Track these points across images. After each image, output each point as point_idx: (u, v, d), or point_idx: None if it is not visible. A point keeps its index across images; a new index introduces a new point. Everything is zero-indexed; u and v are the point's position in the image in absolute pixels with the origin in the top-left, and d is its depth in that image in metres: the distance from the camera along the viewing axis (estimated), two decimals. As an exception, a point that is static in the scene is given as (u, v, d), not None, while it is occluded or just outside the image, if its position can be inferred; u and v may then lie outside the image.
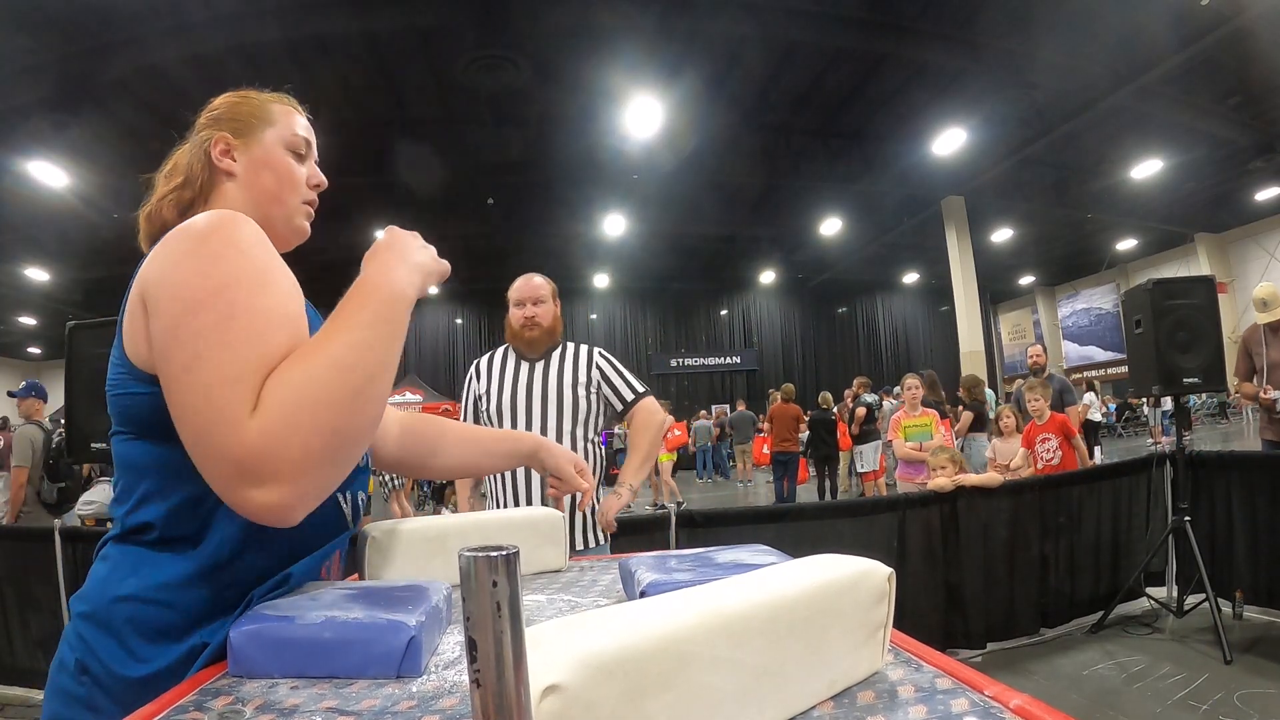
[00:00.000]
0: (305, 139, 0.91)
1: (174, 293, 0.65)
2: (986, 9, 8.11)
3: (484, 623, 0.28)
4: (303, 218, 0.90)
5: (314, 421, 0.59)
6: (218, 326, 0.62)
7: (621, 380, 2.17)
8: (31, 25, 6.97)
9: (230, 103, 0.91)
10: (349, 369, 0.62)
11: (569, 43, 8.38)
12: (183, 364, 0.62)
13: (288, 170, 0.88)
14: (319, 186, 0.92)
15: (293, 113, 0.92)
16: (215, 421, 0.59)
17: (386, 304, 0.68)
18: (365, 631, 0.57)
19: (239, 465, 0.58)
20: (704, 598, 0.46)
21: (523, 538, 0.98)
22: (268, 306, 0.65)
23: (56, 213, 10.53)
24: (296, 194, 0.89)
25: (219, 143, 0.86)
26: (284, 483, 0.58)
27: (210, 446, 0.60)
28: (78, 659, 0.67)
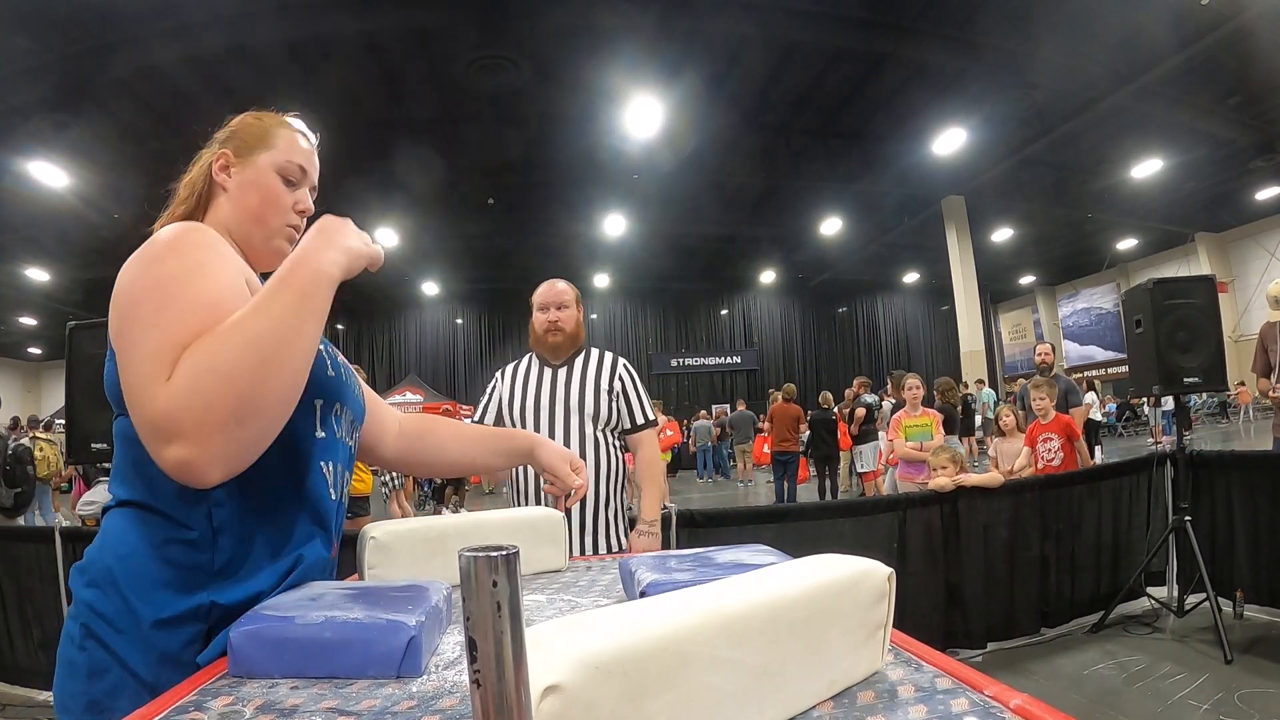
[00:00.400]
0: (300, 166, 0.95)
1: (122, 293, 0.73)
2: (986, 9, 8.11)
3: (484, 623, 0.28)
4: (283, 239, 0.94)
5: (217, 385, 0.64)
6: (149, 316, 0.69)
7: (638, 400, 2.20)
8: (31, 25, 6.97)
9: (243, 122, 0.97)
10: (257, 338, 0.67)
11: (569, 43, 8.38)
12: (123, 351, 0.70)
13: (273, 194, 0.93)
14: (304, 213, 0.96)
15: (296, 139, 0.96)
16: (137, 391, 0.67)
17: (306, 280, 0.72)
18: (365, 631, 0.57)
19: (153, 425, 0.65)
20: (704, 598, 0.46)
21: (523, 538, 0.98)
22: (194, 292, 0.71)
23: (56, 213, 10.53)
24: (278, 217, 0.93)
25: (220, 158, 0.93)
26: (190, 441, 0.63)
27: (134, 413, 0.67)
28: (81, 624, 0.71)
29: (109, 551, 0.74)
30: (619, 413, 2.17)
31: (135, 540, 0.74)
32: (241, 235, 0.92)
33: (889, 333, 23.28)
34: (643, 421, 2.20)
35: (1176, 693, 2.62)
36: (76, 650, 0.71)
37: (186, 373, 0.65)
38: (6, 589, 3.28)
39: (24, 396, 23.97)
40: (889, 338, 23.25)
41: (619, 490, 2.18)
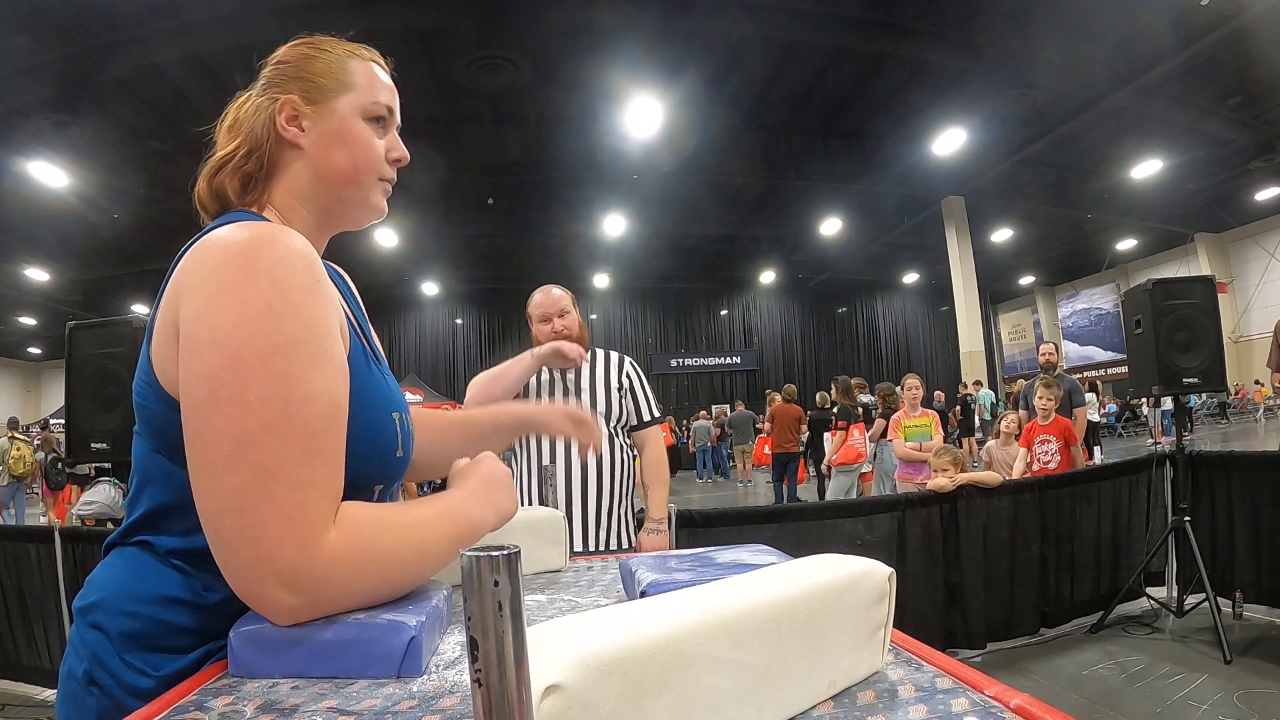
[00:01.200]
0: (388, 105, 0.80)
1: (213, 338, 0.59)
2: (986, 9, 8.12)
3: (485, 622, 0.28)
4: (380, 195, 0.80)
5: (372, 585, 0.61)
6: (270, 406, 0.58)
7: (644, 397, 2.25)
8: (31, 25, 6.97)
9: (303, 55, 0.79)
10: (418, 563, 0.64)
11: (569, 43, 8.38)
12: (230, 437, 0.58)
13: (366, 146, 0.77)
14: (399, 161, 0.81)
15: (375, 72, 0.80)
16: (268, 517, 0.57)
17: (467, 529, 0.69)
18: (365, 631, 0.57)
19: (286, 568, 0.57)
20: (704, 598, 0.46)
21: (523, 538, 0.98)
22: (320, 390, 0.61)
23: (56, 213, 10.54)
24: (374, 172, 0.78)
25: (285, 107, 0.75)
26: (314, 606, 0.58)
27: (253, 537, 0.57)
28: (86, 670, 0.65)
29: (115, 603, 0.66)
30: (628, 410, 2.21)
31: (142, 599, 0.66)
32: (328, 202, 0.77)
33: (889, 333, 23.29)
34: (649, 419, 2.25)
35: (1176, 693, 2.62)
36: (83, 691, 0.65)
37: (360, 552, 0.60)
38: (7, 588, 3.28)
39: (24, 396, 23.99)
40: (889, 338, 23.26)
41: (631, 488, 2.20)
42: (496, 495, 0.74)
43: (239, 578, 0.59)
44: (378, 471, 0.72)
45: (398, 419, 0.75)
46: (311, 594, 0.58)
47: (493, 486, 0.75)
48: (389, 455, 0.73)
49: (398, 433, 0.74)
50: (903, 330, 23.32)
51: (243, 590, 0.59)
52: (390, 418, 0.73)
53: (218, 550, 0.60)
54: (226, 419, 0.58)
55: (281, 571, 0.57)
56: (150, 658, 0.64)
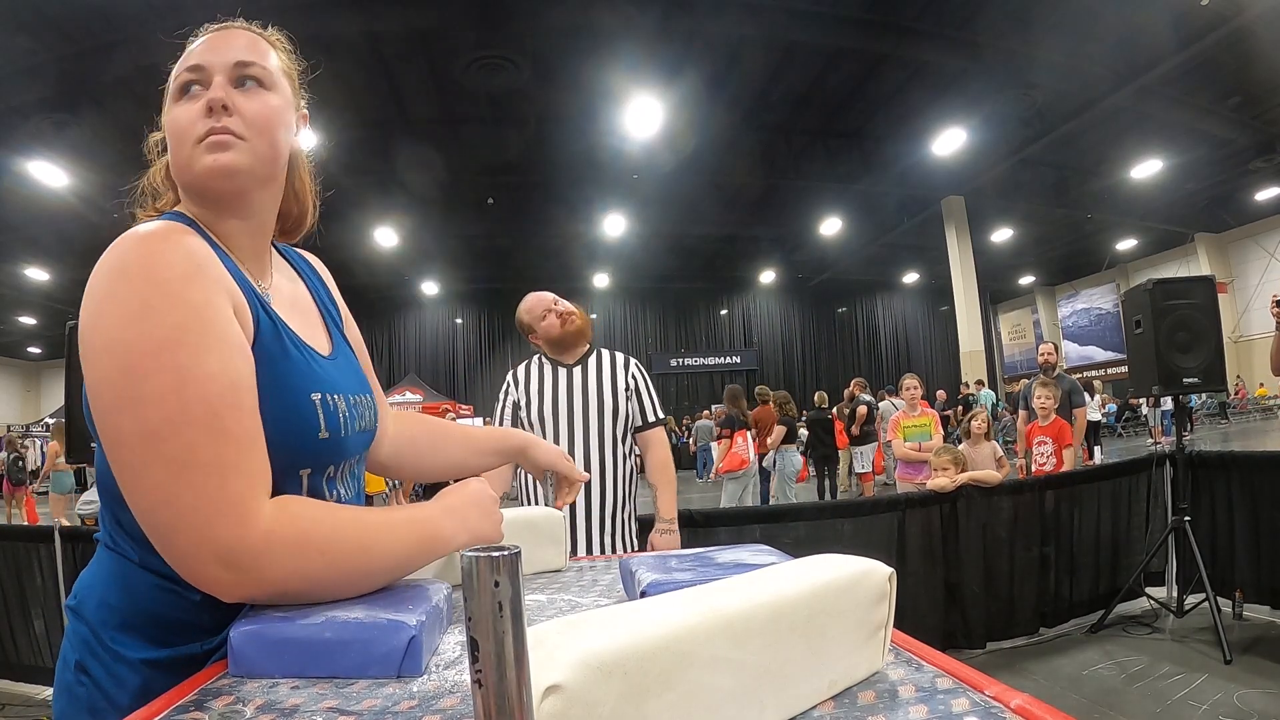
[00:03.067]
0: (187, 69, 0.73)
1: (103, 344, 0.61)
2: (986, 9, 8.12)
3: (486, 623, 0.28)
4: (204, 154, 0.71)
5: (315, 568, 0.62)
6: (166, 399, 0.59)
7: (649, 399, 2.24)
8: (31, 25, 6.97)
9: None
10: (361, 555, 0.65)
11: (569, 43, 8.38)
12: (137, 434, 0.60)
13: (174, 126, 0.73)
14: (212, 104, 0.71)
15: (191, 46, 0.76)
16: (203, 506, 0.59)
17: (430, 541, 0.70)
18: (366, 631, 0.57)
19: (223, 549, 0.59)
20: (704, 598, 0.46)
21: (523, 538, 0.98)
22: (214, 373, 0.61)
23: (56, 213, 10.54)
24: (187, 145, 0.72)
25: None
26: (255, 581, 0.60)
27: (186, 524, 0.59)
28: (78, 659, 0.67)
29: (99, 599, 0.68)
30: (632, 412, 2.20)
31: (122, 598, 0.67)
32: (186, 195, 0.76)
33: (889, 333, 23.29)
34: (654, 420, 2.23)
35: (1176, 693, 2.62)
36: (75, 683, 0.67)
37: (300, 534, 0.61)
38: (7, 587, 3.28)
39: (24, 396, 23.99)
40: (889, 338, 23.27)
41: (634, 491, 2.19)
42: (471, 515, 0.75)
43: (181, 564, 0.60)
44: (299, 454, 0.70)
45: (318, 399, 0.72)
46: (250, 569, 0.59)
47: (470, 506, 0.75)
48: (309, 437, 0.71)
49: (319, 413, 0.72)
50: (903, 330, 23.32)
51: (186, 574, 0.60)
52: (308, 399, 0.71)
53: (157, 544, 0.61)
54: (131, 418, 0.60)
55: (218, 551, 0.59)
56: (136, 642, 0.66)
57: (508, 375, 2.29)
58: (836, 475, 8.76)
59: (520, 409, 2.19)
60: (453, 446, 1.08)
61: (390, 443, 1.02)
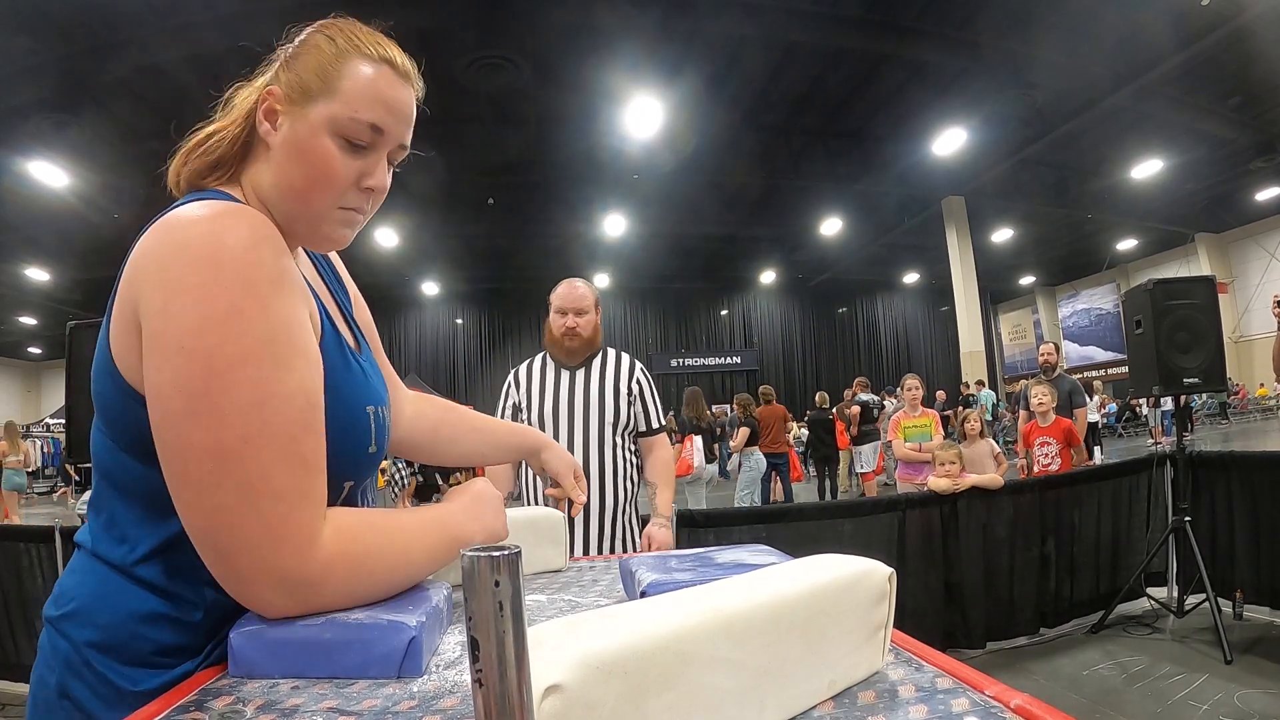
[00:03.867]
0: (372, 124, 0.68)
1: (180, 343, 0.57)
2: (986, 9, 8.12)
3: (486, 622, 0.28)
4: (337, 225, 0.70)
5: (362, 587, 0.62)
6: (247, 415, 0.57)
7: (653, 405, 2.23)
8: (31, 25, 6.97)
9: (311, 41, 0.70)
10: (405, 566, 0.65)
11: (569, 43, 8.38)
12: (208, 451, 0.56)
13: (323, 166, 0.67)
14: (373, 190, 0.70)
15: (376, 81, 0.68)
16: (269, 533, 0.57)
17: (454, 540, 0.70)
18: (366, 631, 0.57)
19: (285, 579, 0.58)
20: (704, 598, 0.46)
21: (523, 538, 0.98)
22: (293, 390, 0.59)
23: (56, 213, 10.54)
24: (329, 197, 0.68)
25: (268, 98, 0.69)
26: (304, 605, 0.59)
27: (244, 548, 0.57)
28: (58, 681, 0.63)
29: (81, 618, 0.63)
30: (635, 416, 2.18)
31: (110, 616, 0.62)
32: (279, 213, 0.69)
33: (889, 333, 23.29)
34: (657, 427, 2.22)
35: (1176, 693, 2.62)
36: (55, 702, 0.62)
37: (354, 561, 0.61)
38: (7, 587, 3.28)
39: (24, 396, 23.99)
40: (889, 338, 23.26)
41: (635, 494, 2.19)
42: (485, 513, 0.77)
43: (234, 587, 0.59)
44: (348, 468, 0.70)
45: (372, 413, 0.72)
46: (304, 597, 0.59)
47: (483, 505, 0.77)
48: (361, 452, 0.71)
49: (371, 428, 0.71)
50: (903, 330, 23.32)
51: (237, 595, 0.59)
52: (365, 412, 0.71)
53: (211, 563, 0.59)
54: (205, 432, 0.56)
55: (277, 579, 0.57)
56: (127, 671, 0.62)
57: (509, 376, 2.27)
58: (837, 475, 8.76)
59: (521, 410, 2.18)
60: (473, 437, 1.09)
61: (407, 424, 1.01)
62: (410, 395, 1.05)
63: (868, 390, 8.54)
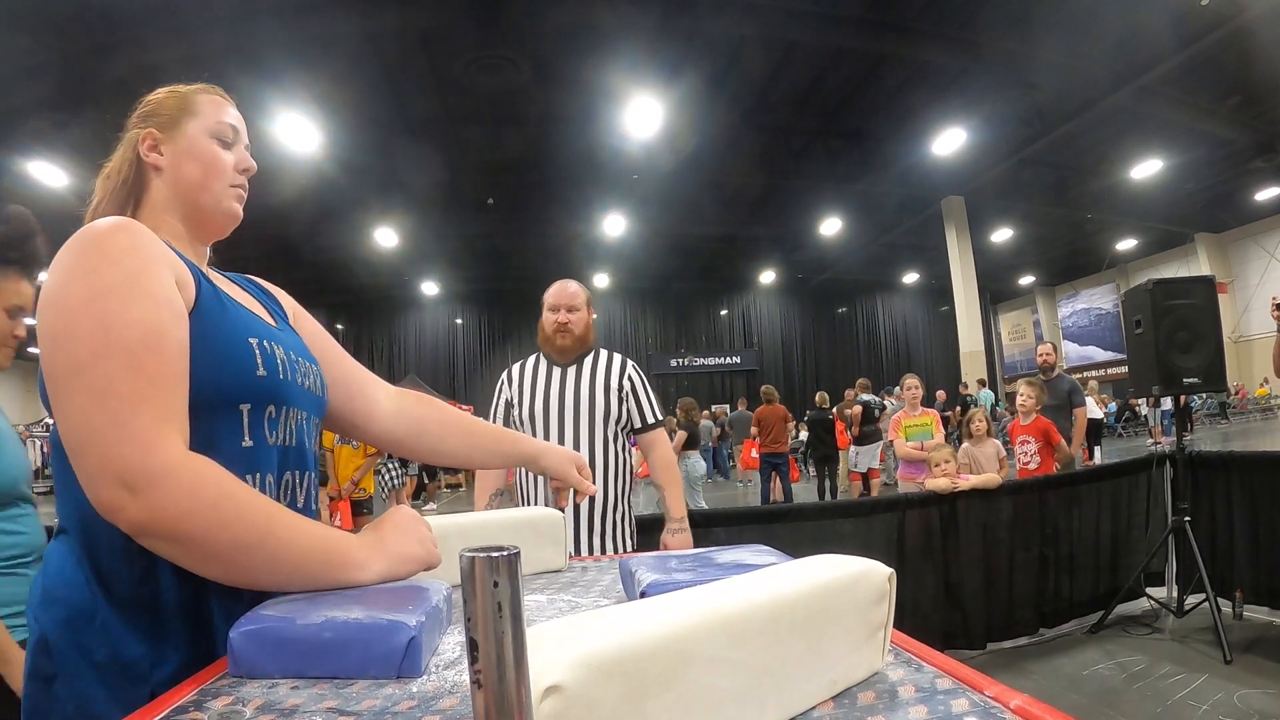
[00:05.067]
0: (232, 125, 0.92)
1: (51, 305, 0.70)
2: (986, 9, 8.11)
3: (485, 623, 0.28)
4: (232, 200, 0.92)
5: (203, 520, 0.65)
6: (93, 337, 0.67)
7: (647, 400, 2.22)
8: (31, 25, 6.97)
9: (157, 99, 0.93)
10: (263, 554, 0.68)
11: (569, 43, 8.38)
12: (65, 369, 0.67)
13: (212, 157, 0.89)
14: (248, 171, 0.94)
15: (221, 102, 0.93)
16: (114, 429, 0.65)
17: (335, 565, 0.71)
18: (365, 632, 0.57)
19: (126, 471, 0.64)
20: (704, 598, 0.46)
21: (523, 538, 0.98)
22: (136, 320, 0.69)
23: (56, 213, 10.49)
24: (222, 179, 0.90)
25: (146, 139, 0.89)
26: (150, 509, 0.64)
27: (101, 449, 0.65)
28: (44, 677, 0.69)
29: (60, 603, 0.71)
30: (628, 413, 2.19)
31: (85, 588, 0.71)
32: (189, 211, 0.89)
33: (889, 333, 23.29)
34: (652, 421, 2.22)
35: (1176, 693, 2.62)
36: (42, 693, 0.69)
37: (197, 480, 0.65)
38: (6, 589, 3.28)
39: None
40: (889, 338, 23.26)
41: (627, 492, 2.19)
42: (392, 540, 0.77)
43: (88, 485, 0.66)
44: (238, 388, 0.77)
45: (255, 343, 0.81)
46: (145, 493, 0.64)
47: (391, 532, 0.78)
48: (247, 373, 0.78)
49: (256, 355, 0.80)
50: (903, 330, 23.32)
51: (93, 497, 0.65)
52: (245, 341, 0.79)
53: (74, 465, 0.67)
54: (64, 354, 0.67)
55: (119, 471, 0.64)
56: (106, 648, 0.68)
57: (503, 374, 2.29)
58: (837, 475, 8.76)
59: (512, 407, 2.19)
60: (460, 439, 1.10)
61: (390, 417, 1.07)
62: (395, 392, 1.09)
63: (869, 391, 8.53)
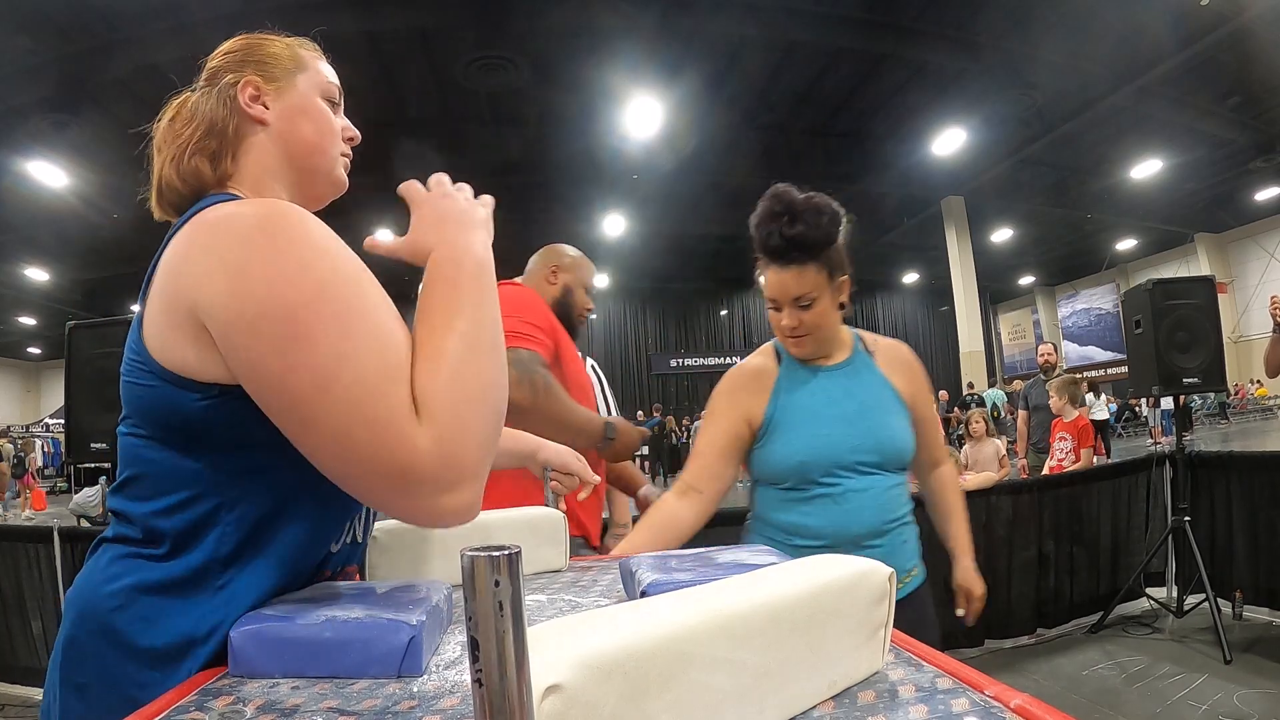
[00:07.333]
0: (338, 87, 0.84)
1: (260, 309, 0.58)
2: (986, 9, 8.11)
3: (486, 622, 0.28)
4: (342, 169, 0.84)
5: (480, 414, 0.60)
6: (338, 337, 0.58)
7: (604, 400, 2.20)
8: (31, 25, 6.97)
9: (253, 44, 0.81)
10: (487, 350, 0.62)
11: (569, 43, 8.38)
12: (312, 385, 0.57)
13: (327, 119, 0.81)
14: (353, 140, 0.85)
15: (322, 60, 0.85)
16: (372, 444, 0.56)
17: (477, 277, 0.67)
18: (366, 631, 0.57)
19: (414, 478, 0.57)
20: (704, 598, 0.46)
21: (523, 538, 0.98)
22: (376, 302, 0.62)
23: (56, 213, 10.53)
24: (336, 144, 0.82)
25: (247, 86, 0.76)
26: (469, 482, 0.59)
27: (373, 470, 0.57)
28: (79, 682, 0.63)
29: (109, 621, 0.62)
30: None
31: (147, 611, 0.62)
32: (299, 175, 0.79)
33: (889, 333, 22.82)
34: None
35: (1176, 693, 2.62)
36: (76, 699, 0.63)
37: (447, 408, 0.58)
38: (6, 588, 3.28)
39: (24, 396, 23.98)
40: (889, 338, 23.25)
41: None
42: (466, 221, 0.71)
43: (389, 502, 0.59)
44: None
45: None
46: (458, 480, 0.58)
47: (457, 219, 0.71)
48: None
49: None
50: (903, 330, 23.30)
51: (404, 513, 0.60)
52: None
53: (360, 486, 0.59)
54: (303, 372, 0.57)
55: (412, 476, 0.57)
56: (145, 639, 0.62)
57: None
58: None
59: None
60: None
61: None
62: None
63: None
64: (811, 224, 1.30)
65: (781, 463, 1.38)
